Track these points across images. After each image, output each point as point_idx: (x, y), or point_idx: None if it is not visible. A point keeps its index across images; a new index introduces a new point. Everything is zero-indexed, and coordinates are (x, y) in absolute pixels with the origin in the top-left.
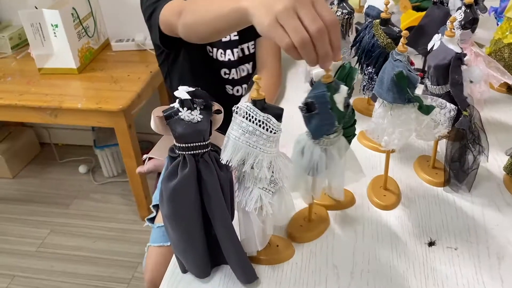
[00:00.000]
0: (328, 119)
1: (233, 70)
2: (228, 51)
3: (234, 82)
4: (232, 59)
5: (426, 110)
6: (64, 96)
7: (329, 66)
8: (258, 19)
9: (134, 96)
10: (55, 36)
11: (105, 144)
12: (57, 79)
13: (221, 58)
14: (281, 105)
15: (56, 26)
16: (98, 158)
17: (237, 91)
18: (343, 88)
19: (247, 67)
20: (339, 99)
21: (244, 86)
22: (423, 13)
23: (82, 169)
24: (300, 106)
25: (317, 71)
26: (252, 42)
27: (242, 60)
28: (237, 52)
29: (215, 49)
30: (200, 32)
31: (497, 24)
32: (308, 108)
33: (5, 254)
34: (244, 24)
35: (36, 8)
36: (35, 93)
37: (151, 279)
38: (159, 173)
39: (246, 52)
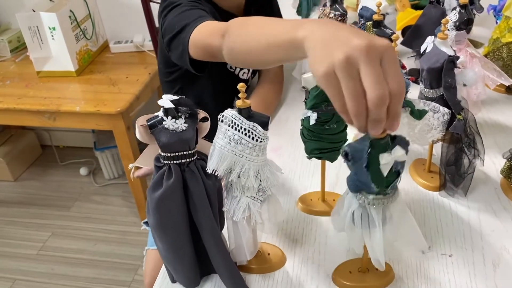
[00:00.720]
0: (361, 176)
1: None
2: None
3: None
4: (249, 75)
5: (418, 115)
6: (63, 99)
7: (378, 132)
8: (313, 61)
9: (132, 98)
10: (53, 39)
11: (105, 146)
12: (55, 82)
13: (242, 77)
14: (279, 109)
15: (54, 29)
16: (98, 160)
17: None
18: (397, 151)
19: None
20: (386, 160)
21: None
22: (421, 12)
23: (83, 171)
24: (341, 152)
25: (307, 76)
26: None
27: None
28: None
29: (238, 69)
30: (248, 61)
31: (496, 23)
32: (346, 157)
33: (6, 257)
34: (300, 57)
35: (34, 11)
36: (33, 97)
37: (151, 283)
38: None
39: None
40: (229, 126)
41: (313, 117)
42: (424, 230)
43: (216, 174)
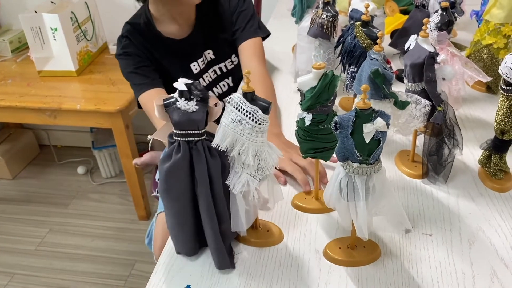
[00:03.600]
0: (347, 143)
1: (214, 89)
2: (205, 75)
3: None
4: (211, 80)
5: (401, 105)
6: (63, 97)
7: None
8: None
9: (131, 97)
10: (55, 39)
11: (103, 145)
12: (56, 81)
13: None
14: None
15: (56, 29)
16: (96, 159)
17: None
18: (379, 121)
19: (227, 82)
20: (368, 129)
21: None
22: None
23: (80, 170)
24: (331, 123)
25: (302, 79)
26: (229, 60)
27: (222, 77)
28: (213, 71)
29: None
30: None
31: (478, 27)
32: (335, 126)
33: (5, 252)
34: None
35: (36, 12)
36: (35, 95)
37: (160, 245)
38: (157, 166)
39: (224, 70)
40: (233, 107)
41: (308, 117)
42: (408, 213)
43: (220, 149)
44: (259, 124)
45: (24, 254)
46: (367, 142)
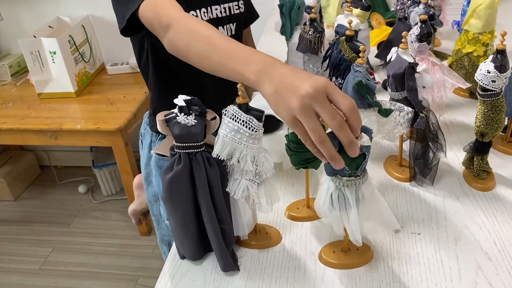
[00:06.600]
0: None
1: (220, 28)
2: (214, 7)
3: None
4: (219, 16)
5: (384, 113)
6: (64, 118)
7: (357, 152)
8: (275, 110)
9: (130, 116)
10: (54, 62)
11: (103, 163)
12: (56, 103)
13: (204, 17)
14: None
15: (54, 53)
16: (96, 178)
17: None
18: (363, 137)
19: (231, 27)
20: None
21: None
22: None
23: (81, 189)
24: None
25: None
26: (236, 3)
27: (229, 18)
28: (224, 8)
29: (198, 11)
30: (190, 60)
31: (460, 36)
32: None
33: (10, 273)
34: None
35: (35, 37)
36: (35, 117)
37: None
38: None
39: (232, 12)
40: (230, 118)
41: None
42: (397, 214)
43: (220, 159)
44: (255, 131)
45: (28, 273)
46: (353, 158)
